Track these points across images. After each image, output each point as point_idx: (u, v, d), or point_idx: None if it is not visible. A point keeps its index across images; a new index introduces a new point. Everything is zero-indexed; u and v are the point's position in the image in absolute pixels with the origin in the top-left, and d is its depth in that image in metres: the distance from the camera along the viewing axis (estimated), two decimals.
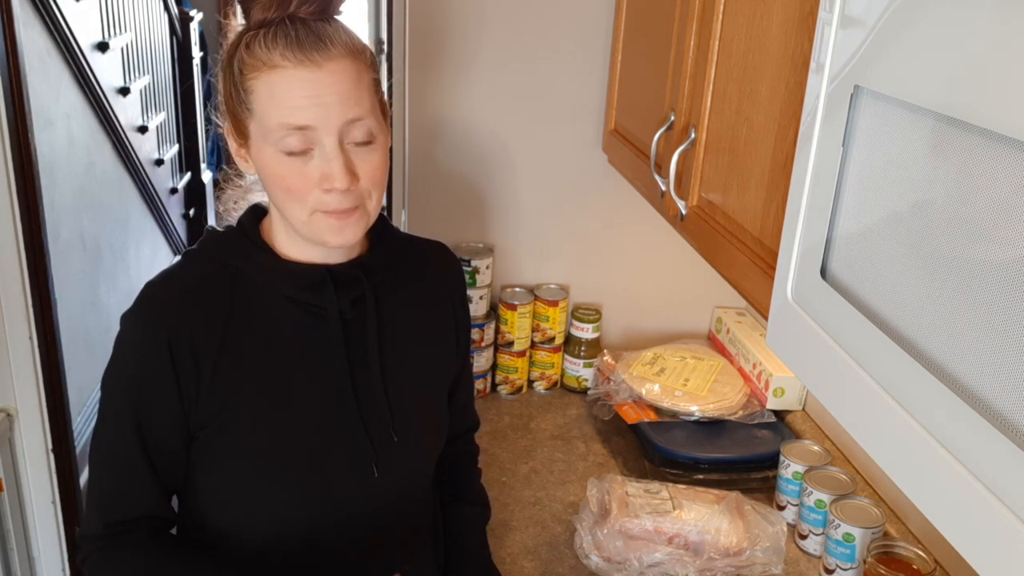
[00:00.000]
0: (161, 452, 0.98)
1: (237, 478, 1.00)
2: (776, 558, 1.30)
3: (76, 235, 2.73)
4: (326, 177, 0.90)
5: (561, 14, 1.69)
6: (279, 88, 0.88)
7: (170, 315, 0.95)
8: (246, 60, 0.90)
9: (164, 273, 1.01)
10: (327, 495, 1.03)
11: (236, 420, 0.97)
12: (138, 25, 3.61)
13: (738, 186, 1.07)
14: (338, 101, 0.89)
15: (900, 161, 0.63)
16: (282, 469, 1.00)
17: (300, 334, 1.00)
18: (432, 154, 1.78)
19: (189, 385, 0.95)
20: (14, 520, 2.10)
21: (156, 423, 0.97)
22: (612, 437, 1.71)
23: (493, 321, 1.83)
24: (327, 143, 0.89)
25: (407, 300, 1.09)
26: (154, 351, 0.94)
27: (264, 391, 0.98)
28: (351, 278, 1.01)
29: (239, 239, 1.02)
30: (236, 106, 0.93)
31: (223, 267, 1.00)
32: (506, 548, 1.39)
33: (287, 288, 1.00)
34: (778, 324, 0.84)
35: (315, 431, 1.01)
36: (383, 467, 1.04)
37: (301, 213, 0.93)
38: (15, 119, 1.90)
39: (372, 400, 1.03)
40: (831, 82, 0.72)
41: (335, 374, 1.01)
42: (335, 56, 0.88)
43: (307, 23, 0.89)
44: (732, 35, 1.10)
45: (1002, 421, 0.52)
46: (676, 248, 1.85)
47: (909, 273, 0.62)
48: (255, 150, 0.94)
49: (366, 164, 0.93)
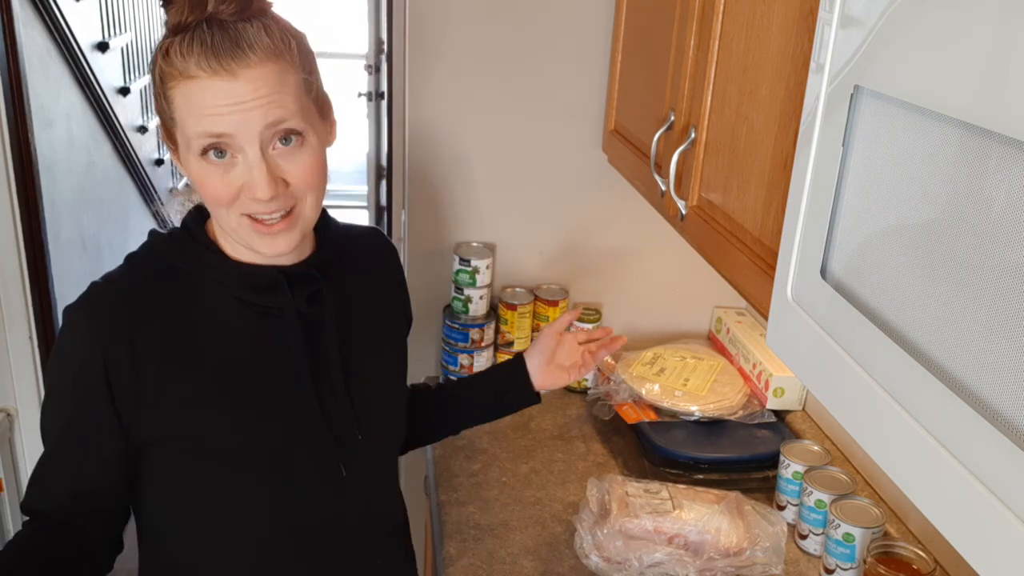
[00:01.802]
0: (91, 456, 0.95)
1: (199, 484, 0.98)
2: (776, 558, 1.30)
3: (76, 235, 2.73)
4: (248, 187, 0.88)
5: (561, 14, 1.69)
6: (195, 98, 0.85)
7: (109, 324, 0.92)
8: (164, 69, 0.87)
9: (107, 277, 0.97)
10: (293, 497, 1.01)
11: (191, 427, 0.95)
12: (138, 25, 3.62)
13: (738, 186, 1.07)
14: (257, 107, 0.85)
15: (900, 161, 0.63)
16: (245, 473, 0.98)
17: (254, 335, 0.98)
18: (432, 154, 1.78)
19: (128, 397, 0.92)
20: (14, 520, 2.10)
21: (88, 428, 0.94)
22: (612, 437, 1.71)
23: (493, 321, 1.83)
24: (249, 151, 0.87)
25: (360, 294, 1.08)
26: (90, 361, 0.91)
27: (219, 395, 0.96)
28: (305, 277, 0.99)
29: (185, 240, 0.99)
30: (162, 114, 0.91)
31: (169, 269, 0.97)
32: (506, 548, 1.39)
33: (239, 290, 0.97)
34: (778, 324, 0.84)
35: (278, 433, 0.99)
36: (349, 466, 1.03)
37: (229, 219, 0.91)
38: (15, 119, 1.91)
39: (335, 399, 1.01)
40: (831, 82, 0.72)
41: (295, 374, 0.99)
42: (253, 63, 0.85)
43: (225, 26, 0.85)
44: (732, 35, 1.10)
45: (1002, 421, 0.52)
46: (676, 248, 1.85)
47: (909, 273, 0.62)
48: (183, 158, 0.92)
49: (296, 167, 0.89)
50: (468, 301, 1.80)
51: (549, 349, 1.29)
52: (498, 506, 1.48)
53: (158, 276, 0.96)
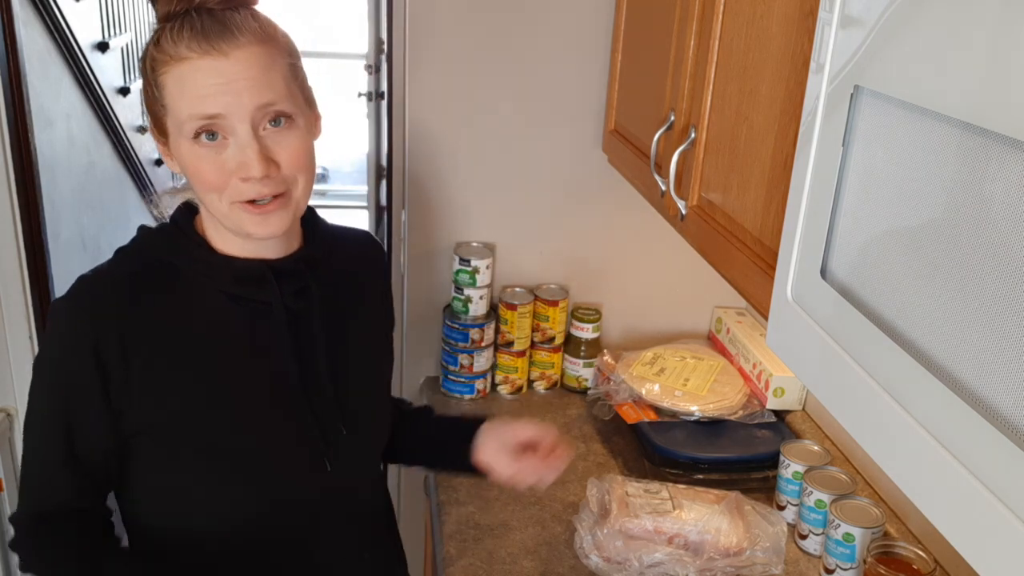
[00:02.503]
0: (88, 450, 0.96)
1: (184, 477, 0.99)
2: (776, 558, 1.30)
3: (76, 235, 2.73)
4: (241, 166, 0.89)
5: (561, 14, 1.69)
6: (187, 80, 0.87)
7: (99, 315, 0.93)
8: (156, 56, 0.89)
9: (96, 270, 0.98)
10: (279, 490, 1.02)
11: (178, 419, 0.96)
12: (138, 25, 3.62)
13: (738, 186, 1.07)
14: (248, 87, 0.87)
15: (900, 161, 0.63)
16: (231, 467, 0.99)
17: (242, 329, 0.99)
18: (432, 154, 1.78)
19: (119, 387, 0.93)
20: None
21: (83, 423, 0.95)
22: (612, 437, 1.71)
23: (493, 321, 1.83)
24: (240, 131, 0.88)
25: (347, 292, 1.09)
26: (80, 353, 0.92)
27: (206, 389, 0.97)
28: (293, 272, 1.00)
29: (173, 235, 1.00)
30: (153, 103, 0.92)
31: (157, 264, 0.98)
32: (506, 548, 1.39)
33: (226, 284, 0.98)
34: (778, 324, 0.84)
35: (264, 427, 1.00)
36: (335, 460, 1.03)
37: (221, 205, 0.92)
38: (15, 119, 1.90)
39: (321, 393, 1.02)
40: (831, 82, 0.72)
41: (281, 369, 1.00)
42: (243, 44, 0.87)
43: (214, 13, 0.88)
44: (732, 35, 1.10)
45: (1002, 421, 0.52)
46: (676, 248, 1.85)
47: (909, 273, 0.62)
48: (174, 146, 0.93)
49: (285, 149, 0.91)
50: (468, 301, 1.80)
51: (511, 440, 1.17)
52: (498, 506, 1.48)
53: (146, 270, 0.97)
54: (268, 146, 0.90)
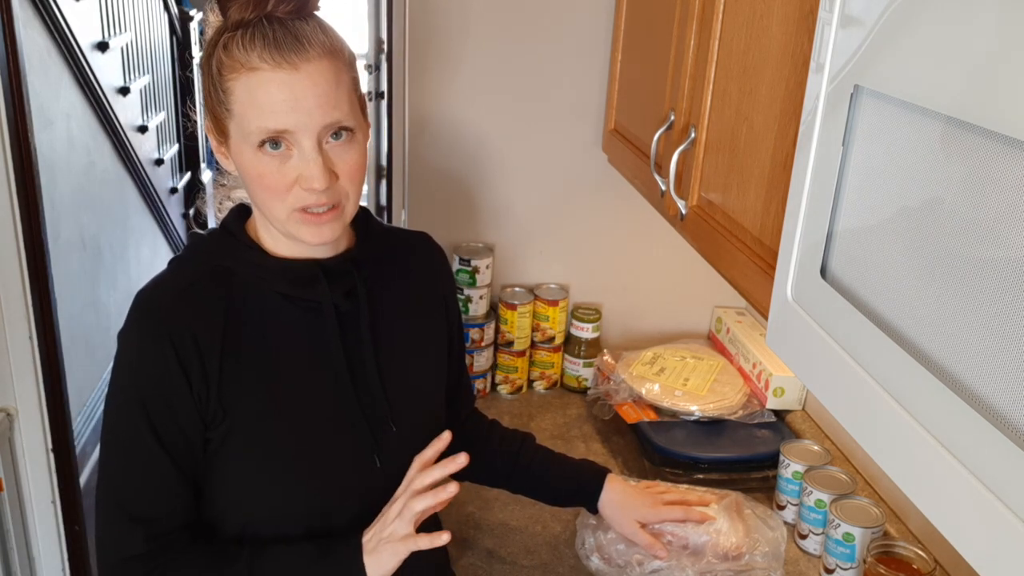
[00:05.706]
0: (185, 455, 0.97)
1: (240, 476, 1.00)
2: (776, 563, 1.30)
3: (76, 235, 2.73)
4: (305, 178, 0.91)
5: (561, 14, 1.69)
6: (257, 91, 0.88)
7: (168, 318, 0.95)
8: (224, 61, 0.90)
9: (154, 280, 1.00)
10: (330, 487, 1.03)
11: (242, 420, 0.97)
12: (138, 25, 3.62)
13: (738, 186, 1.07)
14: (317, 105, 0.89)
15: (900, 161, 0.63)
16: (284, 465, 1.00)
17: (296, 330, 1.01)
18: (432, 154, 1.78)
19: (199, 383, 0.95)
20: (14, 520, 2.10)
21: (176, 427, 0.96)
22: (612, 437, 1.71)
23: (493, 321, 1.83)
24: (306, 145, 0.90)
25: (398, 291, 1.10)
26: (160, 355, 0.93)
27: (267, 389, 0.99)
28: (342, 272, 1.02)
29: (226, 240, 1.02)
30: (215, 105, 0.93)
31: (213, 269, 1.00)
32: (506, 548, 1.39)
33: (280, 285, 1.00)
34: (778, 324, 0.84)
35: (317, 424, 1.01)
36: (384, 457, 1.05)
37: (280, 211, 0.94)
38: (15, 119, 1.90)
39: (369, 390, 1.04)
40: (831, 82, 0.72)
41: (333, 367, 1.01)
42: (313, 57, 0.88)
43: (284, 23, 0.89)
44: (732, 35, 1.10)
45: (1002, 421, 0.52)
46: (676, 248, 1.85)
47: (909, 273, 0.62)
48: (235, 149, 0.94)
49: (345, 163, 0.93)
50: (468, 301, 1.80)
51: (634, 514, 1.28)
52: (498, 506, 1.48)
53: (203, 276, 0.99)
54: (330, 159, 0.92)
